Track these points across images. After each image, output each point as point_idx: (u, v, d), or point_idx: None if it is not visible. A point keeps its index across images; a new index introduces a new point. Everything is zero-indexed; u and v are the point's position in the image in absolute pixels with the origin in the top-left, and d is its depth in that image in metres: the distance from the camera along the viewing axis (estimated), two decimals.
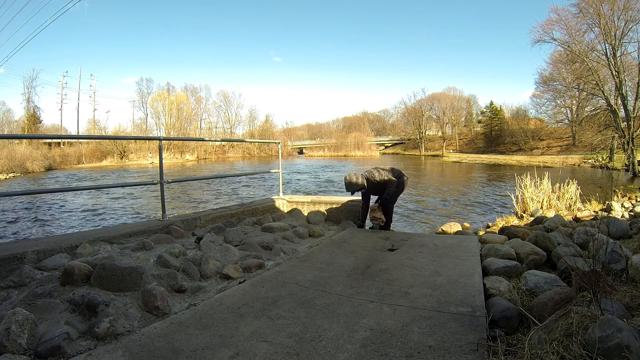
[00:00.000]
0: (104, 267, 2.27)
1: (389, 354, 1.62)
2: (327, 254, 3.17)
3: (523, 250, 3.08)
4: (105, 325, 1.82)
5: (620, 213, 5.86)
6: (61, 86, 48.90)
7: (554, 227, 4.50)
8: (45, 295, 2.11)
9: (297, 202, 5.29)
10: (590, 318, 1.48)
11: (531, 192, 7.19)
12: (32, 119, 44.37)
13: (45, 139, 37.57)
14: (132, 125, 54.86)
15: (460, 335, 1.74)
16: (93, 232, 3.53)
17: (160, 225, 3.72)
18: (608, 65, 22.17)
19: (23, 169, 28.83)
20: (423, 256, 3.05)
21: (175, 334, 1.80)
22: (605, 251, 2.45)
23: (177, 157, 48.09)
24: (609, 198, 7.17)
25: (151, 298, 2.11)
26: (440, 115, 61.64)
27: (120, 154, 42.78)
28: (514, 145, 47.42)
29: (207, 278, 2.65)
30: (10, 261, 2.52)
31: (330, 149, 61.95)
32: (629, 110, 21.51)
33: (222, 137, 59.66)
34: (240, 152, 57.07)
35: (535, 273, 2.43)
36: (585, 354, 1.33)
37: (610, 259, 2.48)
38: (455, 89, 63.69)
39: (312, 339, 1.77)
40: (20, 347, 1.64)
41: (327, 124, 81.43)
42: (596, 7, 21.54)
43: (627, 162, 20.72)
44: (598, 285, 1.75)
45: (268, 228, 4.10)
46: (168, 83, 61.19)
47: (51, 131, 49.26)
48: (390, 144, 67.97)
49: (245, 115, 66.48)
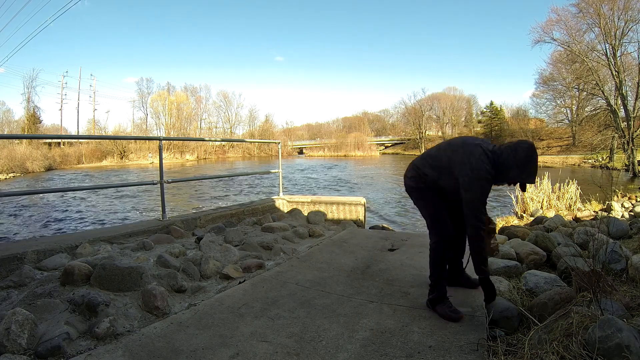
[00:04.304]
0: (104, 267, 2.27)
1: (389, 354, 1.62)
2: (327, 254, 3.17)
3: (523, 250, 3.08)
4: (105, 325, 1.82)
5: (620, 213, 5.86)
6: (61, 86, 48.89)
7: (554, 227, 4.50)
8: (45, 295, 2.11)
9: (297, 202, 5.29)
10: (590, 318, 1.48)
11: (531, 192, 7.18)
12: (32, 119, 44.34)
13: (45, 139, 37.62)
14: (132, 125, 54.87)
15: (460, 335, 1.74)
16: (93, 232, 3.53)
17: (160, 225, 3.72)
18: (608, 65, 22.20)
19: (23, 169, 28.80)
20: (423, 256, 3.04)
21: (175, 334, 1.80)
22: (605, 251, 2.45)
23: (177, 157, 48.06)
24: (609, 198, 7.17)
25: (151, 298, 2.11)
26: (440, 115, 61.65)
27: (120, 154, 42.76)
28: None
29: (207, 278, 2.65)
30: (10, 261, 2.52)
31: (330, 149, 61.91)
32: (629, 110, 21.53)
33: (222, 137, 59.62)
34: (240, 152, 57.04)
35: (535, 273, 2.42)
36: (585, 354, 1.33)
37: (610, 259, 2.49)
38: (455, 89, 63.76)
39: (312, 339, 1.77)
40: (20, 347, 1.64)
41: (327, 124, 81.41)
42: (596, 7, 21.57)
43: (627, 162, 20.74)
44: (598, 285, 1.75)
45: (268, 228, 4.10)
46: (168, 83, 61.17)
47: (51, 131, 49.18)
48: (390, 144, 67.94)
49: (245, 115, 66.49)
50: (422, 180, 2.04)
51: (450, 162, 1.92)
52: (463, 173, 1.84)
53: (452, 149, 1.95)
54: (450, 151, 1.95)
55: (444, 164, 1.95)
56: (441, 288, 1.99)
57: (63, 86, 48.98)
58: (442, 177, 1.97)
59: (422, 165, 2.07)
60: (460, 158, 1.88)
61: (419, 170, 2.07)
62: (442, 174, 1.96)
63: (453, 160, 1.91)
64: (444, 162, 1.96)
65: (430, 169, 2.02)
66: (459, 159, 1.88)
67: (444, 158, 1.97)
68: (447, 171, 1.94)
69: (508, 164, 1.80)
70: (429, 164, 2.04)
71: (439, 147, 2.06)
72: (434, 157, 2.04)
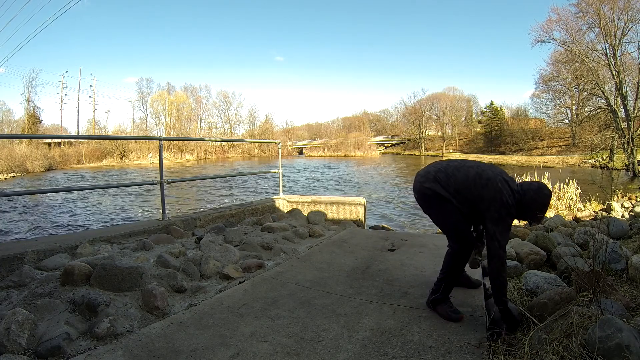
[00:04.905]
0: (104, 267, 2.27)
1: (389, 354, 1.62)
2: (327, 254, 3.17)
3: (523, 250, 3.08)
4: (105, 325, 1.82)
5: (620, 213, 5.86)
6: (61, 86, 48.86)
7: (554, 227, 4.51)
8: (45, 295, 2.11)
9: (297, 202, 5.29)
10: (590, 318, 1.48)
11: None
12: (32, 119, 44.30)
13: (45, 139, 37.61)
14: (132, 125, 54.83)
15: (460, 335, 1.75)
16: (93, 232, 3.53)
17: (160, 225, 3.72)
18: (608, 65, 22.19)
19: (23, 169, 28.79)
20: (423, 256, 3.05)
21: (175, 334, 1.80)
22: (605, 251, 2.45)
23: (177, 157, 48.04)
24: (609, 198, 7.17)
25: (151, 298, 2.11)
26: (440, 115, 61.61)
27: (120, 154, 42.75)
28: (514, 145, 47.39)
29: (207, 278, 2.65)
30: (10, 261, 2.52)
31: (330, 149, 61.91)
32: (629, 110, 21.52)
33: (222, 137, 59.59)
34: (240, 152, 57.03)
35: (535, 273, 2.43)
36: (585, 354, 1.33)
37: (610, 259, 2.49)
38: (455, 89, 63.73)
39: (312, 339, 1.77)
40: (20, 347, 1.64)
41: (327, 124, 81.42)
42: (596, 7, 21.56)
43: (627, 162, 20.73)
44: (598, 285, 1.75)
45: (268, 228, 4.10)
46: (168, 83, 61.05)
47: (51, 131, 49.14)
48: (390, 144, 67.96)
49: (245, 115, 66.44)
50: (440, 190, 1.99)
51: (476, 196, 1.93)
52: (493, 209, 1.88)
53: (482, 183, 1.93)
54: (480, 186, 1.93)
55: (469, 196, 1.94)
56: (448, 291, 2.01)
57: (63, 86, 48.99)
58: (463, 205, 1.96)
59: (444, 182, 1.99)
60: (491, 195, 1.90)
61: (438, 183, 2.00)
62: (464, 203, 1.95)
63: (482, 195, 1.91)
64: (470, 195, 1.94)
65: (453, 193, 1.97)
66: (490, 196, 1.90)
67: (473, 190, 1.94)
68: (470, 202, 1.94)
69: (530, 207, 1.91)
70: (452, 185, 1.98)
71: (467, 175, 1.97)
72: (460, 182, 1.97)
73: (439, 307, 1.97)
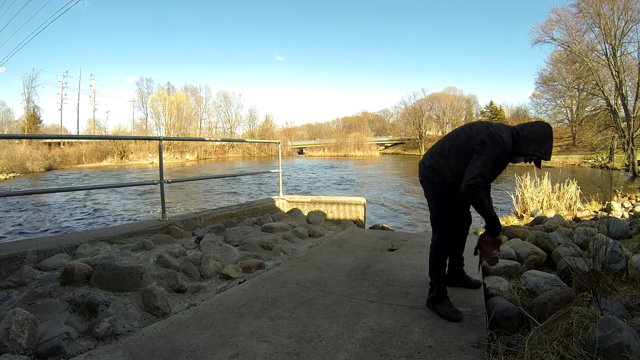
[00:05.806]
0: (104, 267, 2.27)
1: (389, 354, 1.62)
2: (327, 254, 3.17)
3: (523, 250, 3.08)
4: (105, 325, 1.82)
5: (620, 213, 5.86)
6: (61, 86, 48.86)
7: (554, 227, 4.51)
8: (45, 295, 2.11)
9: (297, 202, 5.29)
10: (590, 318, 1.48)
11: (531, 192, 7.19)
12: (32, 119, 44.31)
13: (45, 139, 37.54)
14: (132, 125, 54.85)
15: (460, 335, 1.75)
16: (93, 232, 3.53)
17: (160, 225, 3.72)
18: (608, 65, 22.19)
19: (23, 169, 28.79)
20: (423, 256, 3.04)
21: (175, 334, 1.80)
22: (605, 251, 2.44)
23: (177, 157, 48.04)
24: (609, 198, 7.16)
25: (151, 298, 2.12)
26: (440, 115, 61.65)
27: (120, 154, 42.75)
28: None
29: (207, 278, 2.65)
30: (10, 261, 2.52)
31: (330, 149, 61.90)
32: (629, 110, 21.52)
33: (222, 137, 59.59)
34: (240, 152, 57.03)
35: (535, 273, 2.42)
36: (585, 354, 1.33)
37: (610, 259, 2.49)
38: (455, 89, 63.75)
39: (312, 339, 1.77)
40: (20, 347, 1.64)
41: (327, 124, 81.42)
42: (596, 7, 21.56)
43: (627, 162, 20.72)
44: (598, 285, 1.75)
45: (268, 228, 4.10)
46: (168, 83, 61.16)
47: (51, 131, 49.15)
48: (390, 144, 67.93)
49: (245, 115, 66.46)
50: (439, 173, 2.01)
51: (469, 136, 1.93)
52: (481, 136, 1.89)
53: (473, 125, 2.01)
54: (468, 127, 2.00)
55: (462, 138, 1.95)
56: (441, 286, 2.01)
57: (63, 86, 48.99)
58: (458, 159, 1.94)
59: (440, 148, 2.04)
60: (480, 126, 1.95)
61: (435, 158, 2.03)
62: (459, 154, 1.94)
63: (472, 133, 1.93)
64: (463, 137, 1.95)
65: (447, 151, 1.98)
66: (479, 128, 1.94)
67: (462, 135, 1.97)
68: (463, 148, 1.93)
69: (528, 139, 1.89)
70: (446, 148, 2.00)
71: (455, 131, 2.07)
72: (450, 137, 2.03)
73: (438, 307, 1.97)
